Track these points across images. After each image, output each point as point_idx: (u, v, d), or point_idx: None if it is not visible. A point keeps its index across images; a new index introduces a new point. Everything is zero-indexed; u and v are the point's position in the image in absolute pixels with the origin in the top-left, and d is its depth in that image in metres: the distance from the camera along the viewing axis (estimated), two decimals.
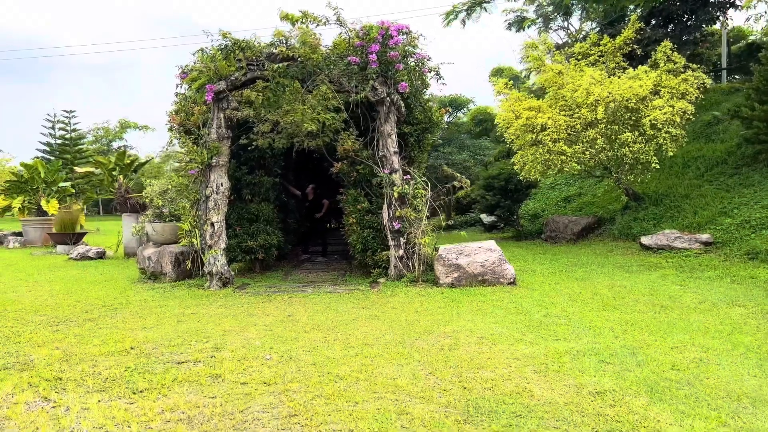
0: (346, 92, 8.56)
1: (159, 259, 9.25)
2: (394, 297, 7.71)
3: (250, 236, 9.89)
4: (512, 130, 13.96)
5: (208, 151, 8.61)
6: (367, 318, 6.47)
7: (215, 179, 8.74)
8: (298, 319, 6.46)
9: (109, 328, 6.20)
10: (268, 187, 10.21)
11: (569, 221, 15.67)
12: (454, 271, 8.29)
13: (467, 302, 7.21)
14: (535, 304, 7.05)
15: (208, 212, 8.70)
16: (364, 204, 9.26)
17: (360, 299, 7.63)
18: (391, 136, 8.79)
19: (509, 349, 5.10)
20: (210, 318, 6.61)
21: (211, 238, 8.66)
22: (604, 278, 9.05)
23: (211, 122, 8.76)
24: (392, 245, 8.73)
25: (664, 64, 13.53)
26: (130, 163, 15.98)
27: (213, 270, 8.60)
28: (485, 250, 8.48)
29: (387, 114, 8.77)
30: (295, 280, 9.73)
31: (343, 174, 9.57)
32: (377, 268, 9.10)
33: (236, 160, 9.85)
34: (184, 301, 7.71)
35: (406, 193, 8.63)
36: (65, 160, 36.93)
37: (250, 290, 8.54)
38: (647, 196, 15.04)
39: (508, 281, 8.35)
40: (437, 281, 8.38)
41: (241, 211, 9.91)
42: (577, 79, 13.50)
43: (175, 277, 9.13)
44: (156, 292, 8.38)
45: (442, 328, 5.87)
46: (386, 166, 8.83)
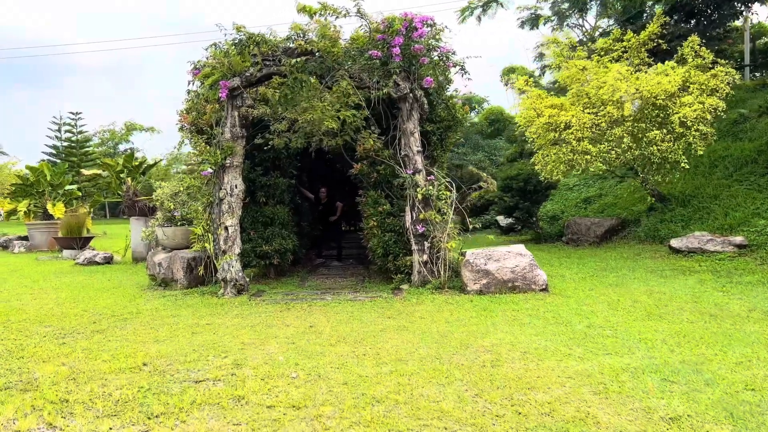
0: (367, 88, 8.15)
1: (170, 265, 8.86)
2: (421, 305, 7.28)
3: (265, 240, 9.49)
4: (534, 129, 13.51)
5: (221, 152, 8.22)
6: (395, 329, 6.04)
7: (229, 181, 8.34)
8: (321, 331, 6.04)
9: (120, 341, 5.80)
10: (284, 189, 9.81)
11: (592, 223, 15.19)
12: (483, 278, 7.85)
13: (500, 311, 6.77)
14: (574, 314, 6.60)
15: (222, 215, 8.30)
16: (386, 206, 8.84)
17: (384, 308, 7.20)
18: (414, 134, 8.37)
19: (558, 366, 4.65)
20: (227, 329, 6.20)
21: (225, 242, 8.26)
22: (639, 284, 8.59)
23: (224, 121, 8.37)
24: (416, 250, 8.30)
25: (692, 59, 13.05)
26: (139, 165, 15.62)
27: (227, 277, 8.20)
28: (515, 255, 8.04)
29: (410, 111, 8.35)
30: (312, 287, 9.31)
31: (363, 175, 9.15)
32: (399, 274, 8.67)
33: (250, 160, 9.45)
34: (197, 310, 7.31)
35: (431, 195, 8.20)
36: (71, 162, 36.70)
37: (266, 298, 8.13)
38: (673, 197, 14.55)
39: (539, 288, 7.90)
40: (464, 288, 7.95)
41: (255, 214, 9.51)
42: (602, 76, 13.03)
43: (187, 284, 8.74)
44: (167, 301, 7.98)
45: (480, 341, 5.43)
46: (409, 166, 8.40)
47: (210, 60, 8.20)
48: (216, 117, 8.59)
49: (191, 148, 8.63)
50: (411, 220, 8.33)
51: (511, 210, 16.92)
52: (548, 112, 13.26)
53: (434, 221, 8.19)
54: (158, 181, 10.32)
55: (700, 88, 12.55)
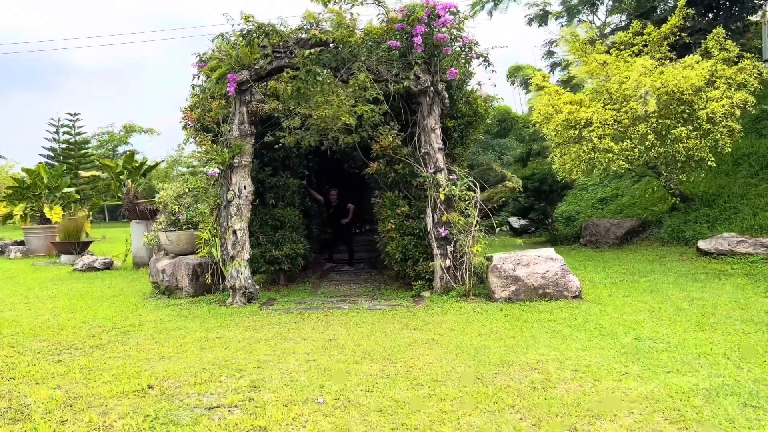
0: (384, 81, 7.65)
1: (174, 271, 8.35)
2: (447, 315, 6.77)
3: (275, 245, 8.98)
4: (552, 126, 12.99)
5: (229, 150, 7.71)
6: (424, 343, 5.52)
7: (237, 181, 7.84)
8: (342, 345, 5.52)
9: (121, 358, 5.29)
10: (294, 190, 9.30)
11: (611, 224, 14.68)
12: (512, 284, 7.34)
13: (535, 322, 6.25)
14: (617, 324, 6.09)
15: (230, 219, 7.79)
16: (404, 208, 8.33)
17: (407, 318, 6.68)
18: (435, 130, 7.86)
19: (618, 387, 4.14)
20: (239, 344, 5.68)
21: (233, 247, 7.75)
22: (675, 289, 8.08)
23: (232, 117, 7.86)
24: (438, 254, 7.79)
25: (717, 52, 12.53)
26: (139, 167, 15.10)
27: (236, 284, 7.69)
28: (545, 260, 7.52)
29: (430, 106, 7.84)
30: (326, 294, 8.80)
31: (379, 175, 8.64)
32: (419, 280, 8.15)
33: (259, 160, 8.94)
34: (205, 321, 6.79)
35: (453, 195, 7.69)
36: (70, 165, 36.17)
37: (278, 307, 7.62)
38: (697, 196, 14.03)
39: (572, 295, 7.38)
40: (491, 295, 7.43)
41: (264, 217, 9.01)
42: (624, 70, 12.52)
43: (193, 292, 8.22)
44: (172, 311, 7.47)
45: (522, 358, 4.91)
46: (429, 164, 7.89)
47: (216, 53, 7.69)
48: (223, 114, 8.09)
49: (196, 147, 8.12)
50: (432, 222, 7.82)
51: (526, 211, 16.40)
52: (567, 109, 12.74)
53: (457, 223, 7.68)
54: (159, 183, 9.81)
55: (728, 83, 12.04)
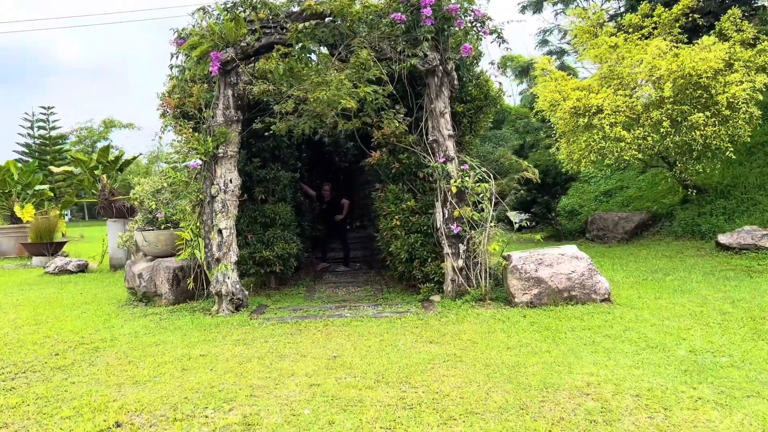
0: (388, 60, 6.85)
1: (152, 276, 7.51)
2: (464, 323, 6.00)
3: (265, 245, 8.16)
4: (559, 114, 12.27)
5: (213, 139, 6.89)
6: (445, 360, 4.75)
7: (223, 174, 7.01)
8: (350, 364, 4.74)
9: (87, 384, 4.47)
10: (285, 184, 8.48)
11: (619, 218, 14.02)
12: (534, 287, 6.59)
13: (568, 331, 5.50)
14: (662, 332, 5.35)
15: (215, 216, 6.97)
16: (410, 202, 7.55)
17: (420, 327, 5.91)
18: (444, 115, 7.08)
19: (697, 419, 3.39)
20: (227, 363, 4.88)
21: (218, 249, 6.93)
22: (709, 289, 7.38)
23: (216, 102, 7.03)
24: (449, 254, 7.02)
25: (733, 34, 11.86)
26: (115, 161, 14.14)
27: (222, 290, 6.87)
28: (570, 259, 6.78)
29: (439, 87, 7.06)
30: (322, 299, 8.00)
31: (380, 166, 7.85)
32: (428, 283, 7.39)
33: (246, 150, 8.12)
34: (187, 334, 5.97)
35: (466, 188, 6.92)
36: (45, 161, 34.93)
37: (270, 315, 6.82)
38: (710, 188, 13.40)
39: (601, 297, 6.65)
40: (511, 300, 6.68)
41: (253, 213, 8.18)
42: (636, 53, 11.82)
43: (174, 299, 7.39)
44: (150, 321, 6.64)
45: (567, 379, 4.16)
46: (438, 153, 7.12)
47: (197, 28, 6.85)
48: (206, 98, 7.25)
49: (175, 137, 7.28)
50: (443, 218, 7.05)
51: (529, 205, 15.69)
52: (575, 95, 12.01)
53: (471, 219, 6.92)
54: (138, 177, 8.93)
55: (746, 66, 11.38)
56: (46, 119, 40.32)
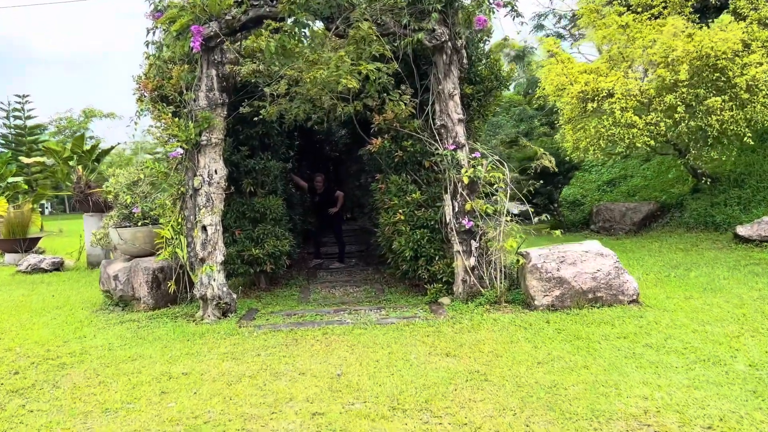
0: (391, 35, 6.18)
1: (130, 278, 6.82)
2: (481, 331, 5.38)
3: (254, 242, 7.49)
4: (566, 99, 11.66)
5: (195, 125, 6.19)
6: (468, 379, 4.12)
7: (207, 164, 6.32)
8: (357, 384, 4.10)
9: (47, 412, 3.81)
10: (276, 175, 7.79)
11: (627, 209, 13.46)
12: (555, 287, 5.98)
13: (602, 340, 4.90)
14: (709, 341, 4.76)
15: (198, 211, 6.29)
16: (415, 195, 6.89)
17: (432, 336, 5.28)
18: (453, 97, 6.43)
19: None
20: (214, 384, 4.22)
21: (203, 247, 6.25)
22: (742, 287, 6.83)
23: (198, 83, 6.33)
24: (460, 251, 6.39)
25: (749, 12, 11.30)
26: (91, 150, 13.31)
27: (207, 294, 6.20)
28: (595, 256, 6.18)
29: (448, 66, 6.40)
30: (318, 301, 7.35)
31: (381, 154, 7.19)
32: (436, 283, 6.75)
33: (233, 138, 7.42)
34: (168, 346, 5.30)
35: (479, 178, 6.28)
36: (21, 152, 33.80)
37: (261, 321, 6.16)
38: (722, 176, 12.86)
39: (629, 299, 6.06)
40: (530, 302, 6.07)
41: (241, 208, 7.50)
42: (647, 33, 11.21)
43: (153, 303, 6.71)
44: (126, 330, 5.96)
45: (618, 404, 3.54)
46: (447, 139, 6.47)
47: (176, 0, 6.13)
48: (187, 80, 6.53)
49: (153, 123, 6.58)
50: (453, 211, 6.41)
51: (531, 196, 15.05)
52: (583, 79, 11.40)
53: (485, 213, 6.29)
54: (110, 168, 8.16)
55: (765, 46, 10.82)
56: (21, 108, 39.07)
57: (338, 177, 16.25)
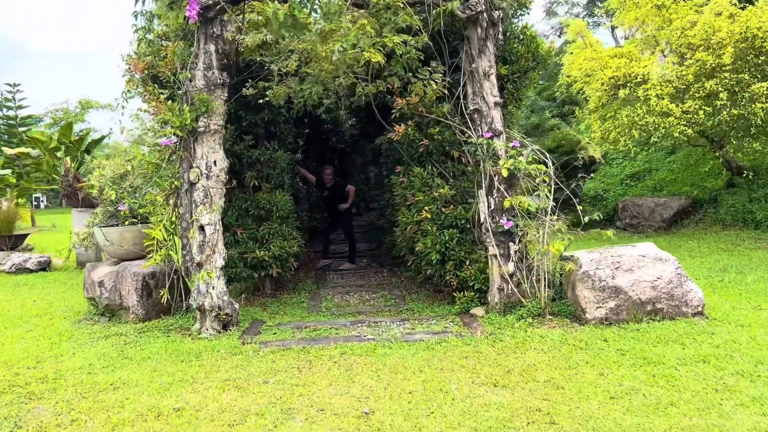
0: (418, 4, 5.37)
1: (117, 284, 6.04)
2: (529, 351, 4.60)
3: (259, 243, 6.71)
4: (595, 85, 10.84)
5: (191, 108, 5.40)
6: (530, 421, 3.34)
7: (204, 154, 5.53)
8: (390, 429, 3.32)
9: None
10: (283, 167, 7.00)
11: (656, 204, 12.65)
12: (610, 298, 5.19)
13: (678, 365, 4.10)
14: None
15: (195, 209, 5.49)
16: (443, 190, 6.10)
17: (471, 358, 4.50)
18: (489, 77, 5.62)
19: None
20: (212, 424, 3.44)
21: (200, 250, 5.46)
22: None
23: (195, 60, 5.52)
24: (496, 255, 5.59)
25: None
26: (80, 141, 12.49)
27: (205, 304, 5.42)
28: (653, 261, 5.39)
29: (483, 41, 5.59)
30: (331, 309, 6.57)
31: (402, 144, 6.40)
32: (466, 291, 5.96)
33: (235, 125, 6.62)
34: (158, 369, 4.52)
35: (519, 170, 5.49)
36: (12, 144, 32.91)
37: (268, 335, 5.38)
38: (761, 169, 12.04)
39: (693, 311, 5.26)
40: (580, 314, 5.28)
41: (243, 204, 6.71)
42: (685, 14, 10.37)
43: (144, 314, 5.92)
44: (111, 346, 5.18)
45: None
46: (482, 126, 5.67)
47: None
48: (182, 58, 5.73)
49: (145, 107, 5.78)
50: (488, 209, 5.61)
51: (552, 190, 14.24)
52: (614, 63, 10.58)
53: (526, 211, 5.50)
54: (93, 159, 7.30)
55: None
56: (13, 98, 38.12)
57: (344, 170, 15.49)
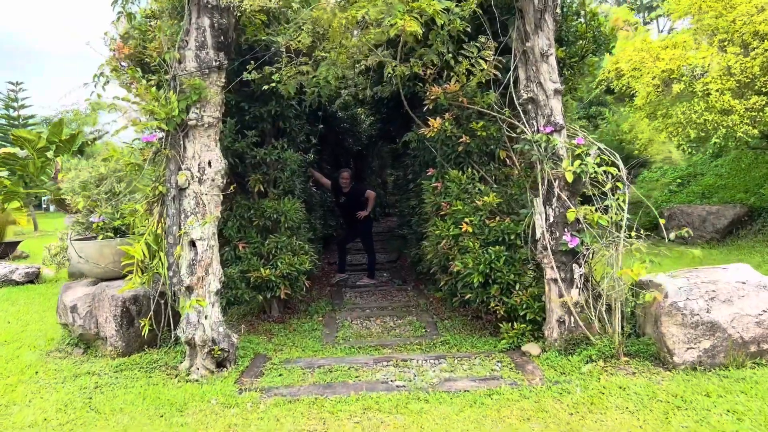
0: None
1: (93, 309, 5.08)
2: (610, 411, 3.55)
3: (264, 259, 5.72)
4: (645, 79, 9.76)
5: (181, 96, 4.43)
6: None
7: (197, 153, 4.55)
8: None
9: None
10: (294, 170, 6.00)
11: (707, 213, 11.52)
12: (705, 336, 4.13)
13: None
14: None
15: (185, 220, 4.52)
16: (488, 198, 5.06)
17: (534, 420, 3.47)
18: (547, 58, 4.60)
19: None
20: None
21: (190, 271, 4.48)
22: None
23: (185, 38, 4.55)
24: (557, 279, 4.56)
25: None
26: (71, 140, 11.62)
27: (195, 337, 4.44)
28: (756, 289, 4.33)
29: (540, 14, 4.58)
30: (350, 341, 5.55)
31: (436, 142, 5.39)
32: (517, 323, 4.92)
33: (236, 119, 5.64)
34: (131, 429, 3.53)
35: (586, 173, 4.45)
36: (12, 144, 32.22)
37: (272, 378, 4.38)
38: None
39: None
40: (665, 356, 4.23)
41: (246, 213, 5.73)
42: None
43: (124, 346, 4.95)
44: (78, 392, 4.21)
45: None
46: (537, 119, 4.65)
47: None
48: (169, 34, 4.76)
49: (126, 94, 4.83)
50: (546, 223, 4.58)
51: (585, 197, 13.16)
52: (668, 55, 9.50)
53: (595, 225, 4.46)
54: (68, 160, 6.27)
55: None
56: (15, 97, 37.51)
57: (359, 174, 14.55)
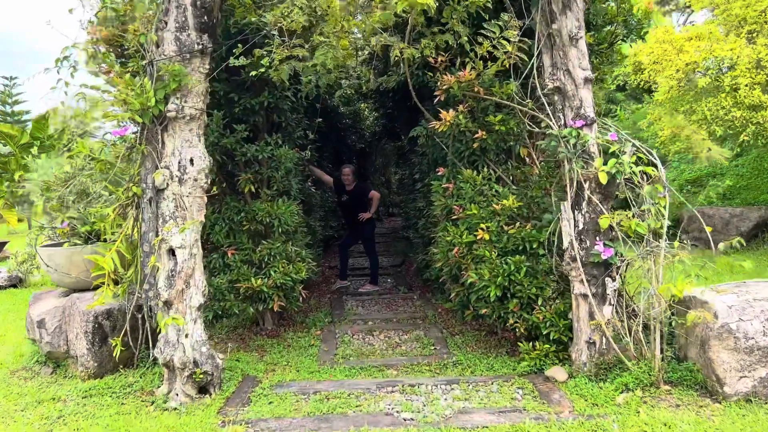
0: None
1: (62, 325, 4.56)
2: None
3: (256, 267, 5.19)
4: (668, 72, 9.19)
5: (159, 84, 3.90)
6: None
7: (177, 149, 4.02)
8: None
9: None
10: (290, 168, 5.45)
11: (731, 215, 10.98)
12: (762, 363, 3.59)
13: None
14: None
15: (162, 224, 3.99)
16: (507, 201, 4.51)
17: None
18: (576, 42, 4.05)
19: None
20: None
21: (168, 284, 3.95)
22: None
23: (163, 19, 4.02)
24: (587, 294, 4.01)
25: None
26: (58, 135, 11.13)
27: (174, 358, 3.91)
28: None
29: None
30: (350, 359, 5.01)
31: (447, 138, 4.85)
32: (538, 341, 4.38)
33: (224, 111, 5.10)
34: None
35: (621, 174, 3.90)
36: None
37: (260, 406, 3.85)
38: None
39: None
40: (714, 386, 3.68)
41: (236, 216, 5.19)
42: None
43: (96, 366, 4.42)
44: (39, 424, 3.68)
45: None
46: (565, 111, 4.10)
47: None
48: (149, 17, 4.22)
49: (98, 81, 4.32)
50: (576, 230, 4.03)
51: None
52: (692, 47, 8.94)
53: (633, 233, 3.91)
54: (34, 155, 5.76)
55: None
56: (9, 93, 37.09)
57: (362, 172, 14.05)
